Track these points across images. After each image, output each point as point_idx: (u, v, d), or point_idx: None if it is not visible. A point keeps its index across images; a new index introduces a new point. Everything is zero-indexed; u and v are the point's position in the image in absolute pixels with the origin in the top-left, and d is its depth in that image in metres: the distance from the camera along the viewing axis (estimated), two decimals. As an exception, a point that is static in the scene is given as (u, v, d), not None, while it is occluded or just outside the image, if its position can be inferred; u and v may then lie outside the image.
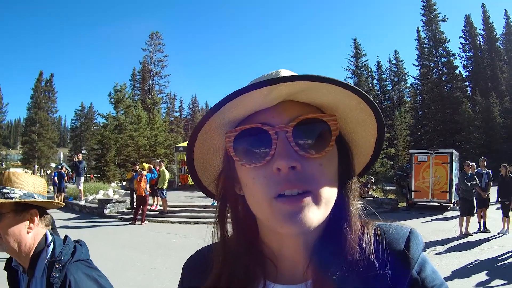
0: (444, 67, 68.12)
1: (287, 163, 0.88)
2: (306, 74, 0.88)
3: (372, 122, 1.03)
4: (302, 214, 0.89)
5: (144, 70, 72.95)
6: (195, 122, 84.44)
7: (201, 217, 18.78)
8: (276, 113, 0.95)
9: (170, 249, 12.80)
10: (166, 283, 9.17)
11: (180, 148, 35.40)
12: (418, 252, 0.97)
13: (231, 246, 1.09)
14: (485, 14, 72.04)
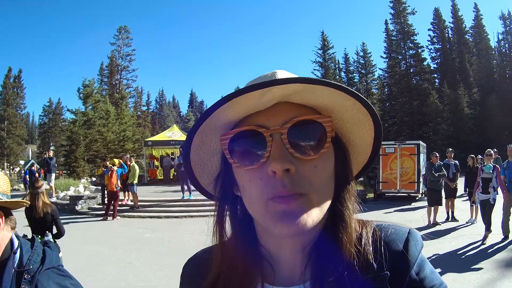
0: (412, 59, 68.85)
1: (281, 166, 0.88)
2: (298, 77, 0.88)
3: (369, 122, 1.03)
4: (296, 214, 0.89)
5: (112, 65, 72.42)
6: (163, 116, 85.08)
7: (172, 211, 19.16)
8: (271, 115, 0.95)
9: (143, 244, 12.92)
10: (142, 277, 9.28)
11: (148, 142, 35.61)
12: (417, 253, 0.97)
13: (229, 248, 1.08)
14: (455, 7, 72.96)
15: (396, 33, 70.19)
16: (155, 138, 36.81)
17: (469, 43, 73.06)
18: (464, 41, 71.98)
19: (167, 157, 34.26)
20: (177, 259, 10.39)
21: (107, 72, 72.28)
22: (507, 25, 71.03)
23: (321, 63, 69.11)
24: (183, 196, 20.38)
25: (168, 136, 35.01)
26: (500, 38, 72.73)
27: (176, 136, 34.54)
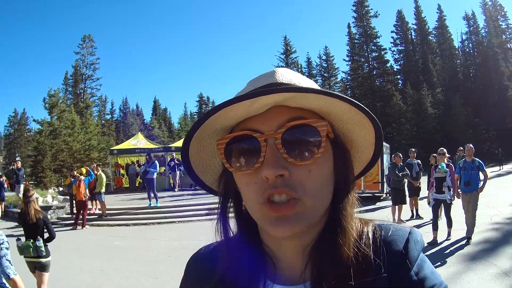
0: (375, 62, 69.78)
1: (273, 172, 0.89)
2: (284, 87, 0.88)
3: (368, 123, 1.01)
4: (287, 221, 0.91)
5: (76, 74, 71.47)
6: (127, 124, 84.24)
7: (139, 219, 19.17)
8: (266, 119, 0.95)
9: (114, 252, 12.99)
10: (116, 283, 9.34)
11: (114, 151, 35.24)
12: (417, 253, 0.97)
13: (234, 245, 1.10)
14: (418, 9, 74.11)
15: (358, 36, 71.21)
16: (120, 147, 36.61)
17: (433, 44, 74.55)
18: (427, 42, 73.40)
19: (132, 165, 34.11)
20: (148, 266, 10.46)
21: (71, 81, 71.32)
22: (471, 25, 72.32)
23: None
24: (150, 204, 20.49)
25: (133, 144, 35.00)
26: (463, 38, 74.02)
27: (141, 144, 34.61)
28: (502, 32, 72.55)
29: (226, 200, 1.13)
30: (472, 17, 72.32)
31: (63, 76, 73.19)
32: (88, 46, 71.41)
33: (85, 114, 59.79)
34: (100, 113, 79.59)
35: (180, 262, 6.39)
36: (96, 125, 58.81)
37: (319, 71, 78.89)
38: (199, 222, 18.21)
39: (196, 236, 14.41)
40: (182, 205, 21.40)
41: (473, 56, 72.57)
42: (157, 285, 9.33)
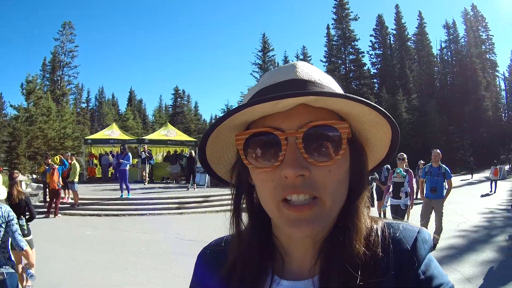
0: (352, 64, 69.73)
1: (294, 172, 0.89)
2: (311, 91, 0.90)
3: (386, 125, 1.02)
4: (307, 221, 0.92)
5: (54, 61, 69.96)
6: (102, 113, 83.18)
7: (111, 210, 19.18)
8: (287, 118, 0.95)
9: (86, 241, 13.00)
10: (87, 273, 9.38)
11: (88, 140, 34.97)
12: (425, 252, 0.97)
13: (245, 237, 1.11)
14: (398, 15, 74.70)
15: (337, 38, 71.15)
16: (94, 136, 36.18)
17: (411, 50, 75.08)
18: (405, 48, 73.86)
19: (105, 156, 33.81)
20: (119, 257, 10.59)
21: (49, 68, 69.72)
22: (451, 34, 73.49)
23: (260, 65, 68.66)
24: (122, 195, 20.64)
25: (107, 135, 34.79)
26: (442, 46, 75.06)
27: (115, 134, 34.55)
28: (481, 43, 74.12)
29: (240, 193, 1.13)
30: (453, 26, 73.65)
31: (42, 62, 72.15)
32: (68, 33, 70.30)
33: (61, 101, 59.43)
34: (76, 101, 78.31)
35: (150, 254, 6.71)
36: (71, 114, 58.20)
37: (296, 71, 78.41)
38: (169, 216, 18.54)
39: (166, 229, 14.69)
40: (153, 198, 21.58)
41: (451, 65, 73.97)
42: (127, 276, 9.39)
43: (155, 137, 35.27)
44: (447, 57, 75.46)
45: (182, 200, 21.27)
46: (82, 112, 78.39)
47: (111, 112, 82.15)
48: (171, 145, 35.16)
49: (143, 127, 74.47)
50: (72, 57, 70.68)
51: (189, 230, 14.77)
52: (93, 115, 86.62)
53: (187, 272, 5.15)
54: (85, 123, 73.75)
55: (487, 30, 75.97)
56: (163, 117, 76.88)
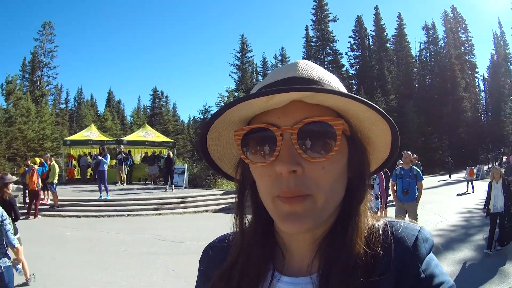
0: (330, 65, 68.58)
1: (287, 168, 0.90)
2: (300, 87, 0.90)
3: (385, 124, 1.02)
4: (299, 216, 0.93)
5: (34, 61, 69.08)
6: (80, 114, 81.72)
7: (90, 211, 19.20)
8: (284, 114, 0.96)
9: (66, 242, 13.01)
10: (68, 273, 9.45)
11: (67, 142, 34.83)
12: (425, 251, 0.98)
13: (248, 234, 1.13)
14: (378, 16, 74.98)
15: (316, 39, 71.14)
16: (73, 138, 35.99)
17: (390, 51, 75.56)
18: (384, 49, 74.37)
19: (84, 157, 33.51)
20: (98, 257, 10.70)
21: (29, 68, 68.82)
22: (430, 35, 73.93)
23: (238, 66, 68.97)
24: (101, 196, 20.53)
25: (86, 136, 34.36)
26: (422, 48, 75.51)
27: (93, 135, 34.20)
28: (461, 44, 74.64)
29: (244, 189, 1.15)
30: (432, 27, 74.24)
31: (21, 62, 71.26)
32: (48, 33, 69.42)
33: (40, 102, 58.35)
34: (55, 102, 77.28)
35: (129, 254, 7.07)
36: (50, 115, 57.50)
37: (274, 71, 78.24)
38: (147, 216, 18.65)
39: (145, 230, 14.77)
40: (132, 199, 21.52)
41: (430, 66, 74.48)
42: (106, 276, 9.45)
43: (133, 138, 35.02)
44: (426, 58, 76.11)
45: (160, 201, 21.37)
46: (61, 113, 77.28)
47: (90, 113, 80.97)
48: (149, 146, 35.13)
49: (122, 128, 73.35)
50: (51, 57, 69.93)
51: (167, 231, 14.87)
52: (72, 116, 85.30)
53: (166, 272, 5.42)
54: (64, 124, 72.79)
55: (467, 32, 76.49)
56: (141, 118, 75.78)
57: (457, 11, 75.95)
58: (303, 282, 1.02)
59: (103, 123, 63.66)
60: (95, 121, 63.82)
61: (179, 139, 63.98)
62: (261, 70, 78.27)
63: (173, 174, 25.60)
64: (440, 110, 64.46)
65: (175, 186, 25.57)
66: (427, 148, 53.25)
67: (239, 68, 69.29)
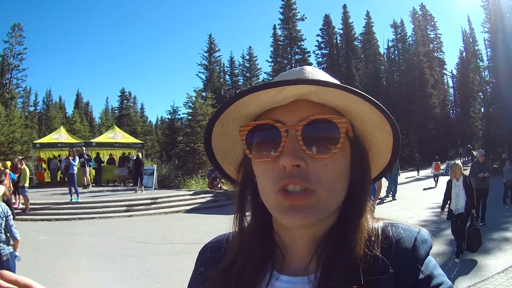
0: (298, 64, 66.51)
1: (291, 161, 0.93)
2: (308, 79, 0.96)
3: (387, 126, 1.04)
4: (300, 210, 0.94)
5: (3, 63, 67.60)
6: (49, 117, 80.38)
7: (62, 214, 19.16)
8: (289, 112, 0.99)
9: (39, 246, 12.93)
10: (43, 277, 9.38)
11: (37, 145, 34.57)
12: (424, 252, 0.99)
13: (248, 233, 1.14)
14: (346, 15, 75.05)
15: (283, 38, 70.98)
16: (43, 140, 35.87)
17: (358, 49, 75.82)
18: (352, 47, 74.47)
19: (54, 160, 33.95)
20: (72, 260, 10.73)
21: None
22: (398, 33, 73.93)
23: (206, 66, 68.91)
24: (71, 199, 20.73)
25: (55, 139, 34.66)
26: (390, 45, 75.51)
27: (63, 138, 34.40)
28: (430, 41, 74.68)
29: (244, 190, 1.16)
30: (401, 25, 74.11)
31: (-10, 65, 70.66)
32: (17, 35, 68.16)
33: (9, 105, 57.85)
34: (23, 104, 76.17)
35: (102, 256, 8.41)
36: (20, 117, 56.72)
37: (241, 71, 77.92)
38: (118, 218, 18.76)
39: (116, 232, 14.85)
40: (102, 201, 21.61)
41: (398, 63, 74.53)
42: (81, 279, 9.51)
43: (102, 140, 35.27)
44: (394, 56, 76.01)
45: (131, 203, 21.47)
46: (30, 116, 76.30)
47: (59, 116, 79.65)
48: (118, 147, 35.24)
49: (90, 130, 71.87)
50: (20, 59, 68.62)
51: (138, 232, 14.95)
52: (41, 118, 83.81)
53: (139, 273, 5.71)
54: (33, 126, 71.81)
55: (436, 29, 76.83)
56: (109, 120, 74.90)
57: (426, 9, 75.88)
58: (302, 281, 1.03)
59: (71, 125, 62.76)
60: (64, 123, 62.97)
61: (148, 140, 62.99)
62: (229, 70, 78.14)
63: (142, 175, 25.83)
64: (409, 107, 64.36)
65: (145, 187, 25.81)
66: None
67: (206, 68, 69.31)
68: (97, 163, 32.52)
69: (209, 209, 20.80)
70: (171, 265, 10.38)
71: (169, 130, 61.19)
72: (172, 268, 10.08)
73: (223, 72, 77.07)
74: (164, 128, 78.94)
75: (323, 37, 74.41)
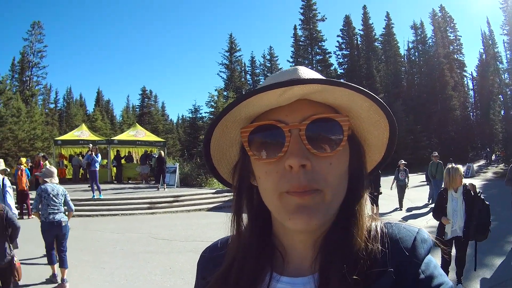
0: (319, 65, 68.47)
1: (298, 161, 0.91)
2: (319, 78, 0.95)
3: (384, 123, 1.07)
4: (310, 209, 0.93)
5: (23, 61, 68.38)
6: (70, 114, 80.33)
7: (83, 210, 19.09)
8: (291, 111, 0.99)
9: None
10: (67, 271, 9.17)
11: (58, 141, 34.48)
12: (423, 252, 0.98)
13: (245, 237, 1.13)
14: (366, 15, 74.91)
15: (304, 38, 70.94)
16: (64, 137, 35.70)
17: (378, 50, 75.47)
18: (373, 48, 74.18)
19: (76, 157, 34.03)
20: (95, 256, 10.86)
21: (18, 68, 67.65)
22: (418, 35, 73.96)
23: (227, 65, 68.61)
24: (94, 196, 20.79)
25: (77, 136, 34.43)
26: (410, 47, 75.43)
27: (84, 135, 34.23)
28: (449, 43, 74.60)
29: (241, 194, 1.14)
30: (420, 26, 74.19)
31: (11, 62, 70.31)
32: (37, 33, 68.85)
33: (30, 102, 58.07)
34: (44, 101, 76.40)
35: (125, 253, 8.61)
36: (40, 114, 56.67)
37: (262, 71, 78.16)
38: (140, 215, 18.78)
39: (139, 229, 14.88)
40: (125, 198, 21.77)
41: (418, 65, 74.43)
42: (104, 274, 9.54)
43: (124, 137, 35.11)
44: (414, 58, 75.94)
45: (153, 200, 21.46)
46: (51, 113, 76.32)
47: (79, 113, 79.71)
48: (140, 145, 35.40)
49: (111, 128, 72.33)
50: (40, 57, 69.17)
51: (161, 230, 14.97)
52: (61, 115, 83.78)
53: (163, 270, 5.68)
54: (54, 124, 71.88)
55: (455, 31, 76.59)
56: (131, 118, 76.02)
57: (446, 11, 75.78)
58: (303, 282, 1.04)
59: (93, 123, 63.00)
60: (85, 120, 63.15)
61: (169, 138, 63.31)
62: (250, 70, 78.46)
63: (165, 173, 25.72)
64: (429, 108, 64.56)
65: (167, 185, 25.70)
66: (417, 147, 53.33)
67: (227, 67, 69.02)
68: (117, 161, 32.78)
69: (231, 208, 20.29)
70: (194, 263, 10.01)
71: (191, 129, 60.39)
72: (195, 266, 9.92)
73: (244, 71, 77.09)
74: (185, 126, 78.43)
75: (343, 38, 74.27)
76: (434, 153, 20.50)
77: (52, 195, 8.99)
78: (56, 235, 8.88)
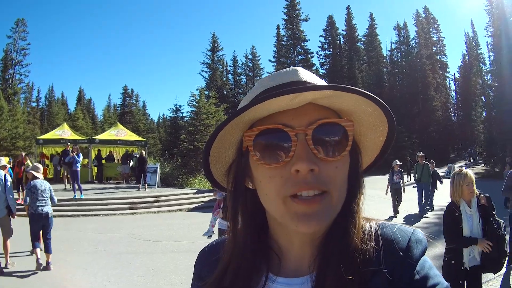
0: (301, 65, 66.58)
1: (307, 166, 0.91)
2: (332, 85, 0.93)
3: (384, 128, 1.09)
4: (317, 215, 0.94)
5: (6, 59, 67.65)
6: (52, 113, 78.95)
7: (65, 210, 19.11)
8: (297, 115, 0.98)
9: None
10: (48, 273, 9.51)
11: (40, 140, 34.17)
12: (418, 252, 0.99)
13: (240, 239, 1.12)
14: (349, 16, 75.57)
15: (287, 38, 71.35)
16: (46, 136, 35.43)
17: (361, 51, 76.08)
18: (355, 49, 74.95)
19: (56, 156, 32.73)
20: (75, 256, 10.90)
21: (1, 66, 67.50)
22: (402, 35, 73.81)
23: (209, 65, 69.04)
24: (75, 196, 20.73)
25: (58, 135, 34.15)
26: (393, 48, 75.44)
27: (66, 134, 33.93)
28: (432, 44, 75.32)
29: (236, 197, 1.12)
30: (404, 27, 74.00)
31: (-6, 60, 70.33)
32: (21, 30, 67.90)
33: (12, 100, 57.41)
34: (26, 100, 75.55)
35: (108, 254, 8.77)
36: (22, 113, 56.88)
37: (244, 70, 78.23)
38: (122, 216, 18.85)
39: (121, 229, 14.92)
40: (106, 198, 21.80)
41: (400, 65, 74.39)
42: (87, 274, 9.56)
43: (105, 137, 35.00)
44: (397, 58, 76.01)
45: (135, 200, 21.60)
46: (32, 112, 75.35)
47: (61, 112, 78.80)
48: (122, 145, 35.38)
49: (93, 127, 71.63)
50: (24, 55, 68.39)
51: (143, 230, 15.06)
52: (43, 114, 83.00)
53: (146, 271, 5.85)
54: (35, 122, 71.05)
55: (439, 32, 77.27)
56: (112, 117, 75.19)
57: (430, 12, 76.11)
58: (299, 282, 1.04)
59: (74, 122, 62.36)
60: (67, 119, 62.55)
61: (150, 138, 62.63)
62: (232, 69, 78.42)
63: (146, 173, 25.78)
64: (411, 109, 65.03)
65: (148, 185, 25.81)
66: (398, 147, 53.53)
67: (209, 67, 69.45)
68: (98, 160, 32.71)
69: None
70: (177, 263, 10.41)
71: (172, 129, 61.02)
72: (178, 266, 10.12)
73: (226, 71, 77.17)
74: (166, 126, 78.99)
75: (326, 38, 74.95)
76: (419, 153, 19.49)
77: (41, 190, 10.24)
78: (43, 225, 10.19)
